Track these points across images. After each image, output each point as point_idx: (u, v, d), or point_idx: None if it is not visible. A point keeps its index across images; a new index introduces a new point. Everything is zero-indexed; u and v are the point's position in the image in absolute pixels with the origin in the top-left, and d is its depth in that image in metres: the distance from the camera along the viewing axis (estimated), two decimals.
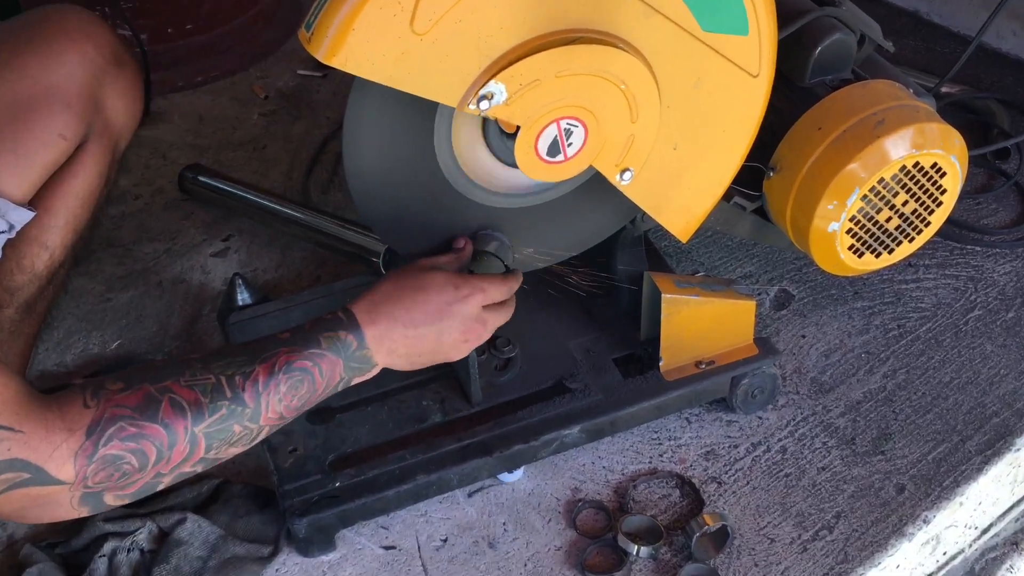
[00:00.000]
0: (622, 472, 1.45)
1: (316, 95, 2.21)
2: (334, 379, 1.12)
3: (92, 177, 1.36)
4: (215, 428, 1.04)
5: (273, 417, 1.08)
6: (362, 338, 1.12)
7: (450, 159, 1.24)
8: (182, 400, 1.02)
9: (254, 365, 1.07)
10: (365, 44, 1.01)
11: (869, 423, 1.51)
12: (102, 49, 1.28)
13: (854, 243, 1.35)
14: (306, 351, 1.10)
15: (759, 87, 1.21)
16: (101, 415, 0.99)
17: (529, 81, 1.08)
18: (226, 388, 1.04)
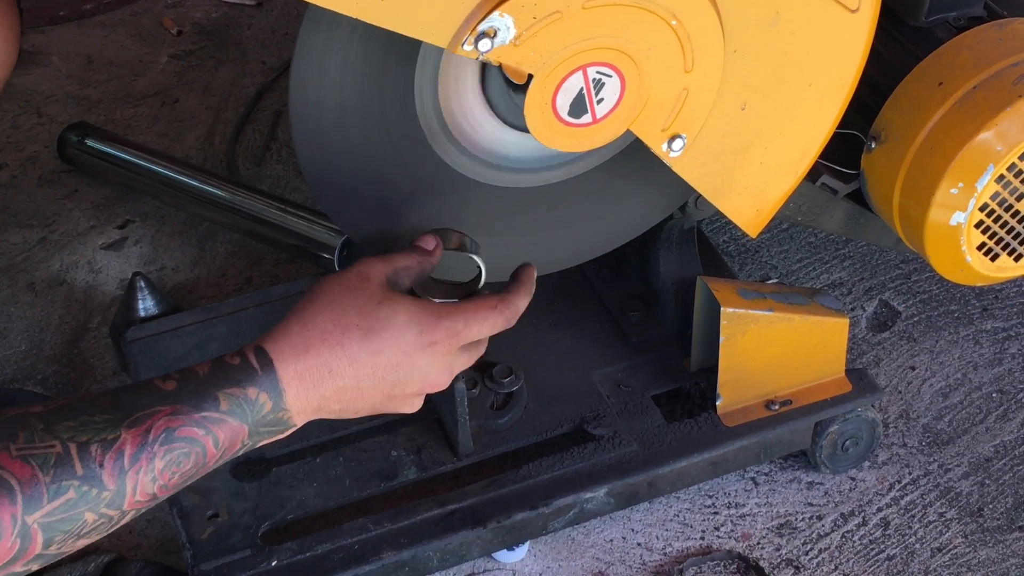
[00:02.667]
0: (664, 551, 1.46)
1: (247, 31, 2.22)
2: (233, 447, 1.07)
3: None
4: (57, 517, 0.98)
5: (143, 500, 1.03)
6: (280, 397, 1.07)
7: (435, 120, 1.24)
8: (11, 478, 0.96)
9: (119, 430, 1.00)
10: None
11: (1002, 488, 1.52)
12: None
13: (986, 241, 1.35)
14: (197, 414, 1.04)
15: (860, 25, 1.21)
16: None
17: (546, 13, 1.07)
18: (76, 461, 0.99)
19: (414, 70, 1.19)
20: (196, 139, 2.01)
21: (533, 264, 1.24)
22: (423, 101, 1.22)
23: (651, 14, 1.11)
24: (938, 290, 1.73)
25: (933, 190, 1.31)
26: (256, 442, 1.08)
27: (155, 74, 2.14)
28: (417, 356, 1.12)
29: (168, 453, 1.02)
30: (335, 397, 1.10)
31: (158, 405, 1.02)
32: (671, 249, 1.51)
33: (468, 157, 1.28)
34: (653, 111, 1.19)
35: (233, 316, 1.58)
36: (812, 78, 1.24)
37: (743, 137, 1.26)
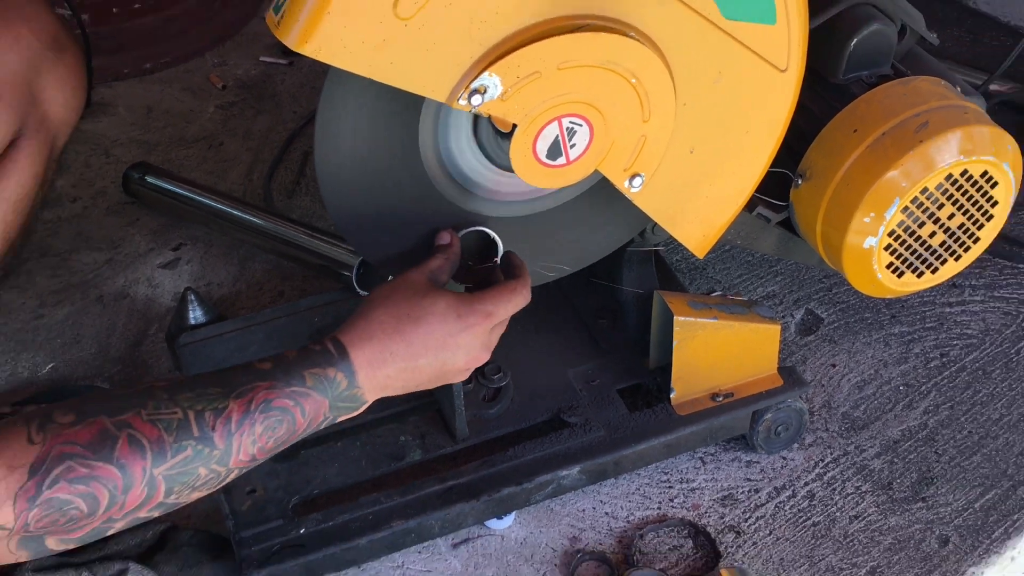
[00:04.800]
0: (627, 519, 1.45)
1: (281, 86, 2.21)
2: (317, 419, 1.11)
3: (26, 179, 1.34)
4: (177, 471, 1.02)
5: (244, 460, 1.07)
6: (353, 376, 1.11)
7: (436, 161, 1.23)
8: (142, 437, 1.00)
9: (227, 400, 1.05)
10: (342, 30, 1.01)
11: (908, 465, 1.51)
12: (39, 32, 1.27)
13: (893, 261, 1.35)
14: (288, 388, 1.08)
15: (787, 83, 1.22)
16: (47, 452, 0.97)
17: (528, 73, 1.07)
18: (193, 425, 1.03)
19: (418, 121, 1.19)
20: (238, 176, 2.00)
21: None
22: (425, 145, 1.21)
23: (615, 74, 1.12)
24: (855, 301, 1.73)
25: (849, 219, 1.31)
26: (336, 416, 1.12)
27: (204, 122, 2.13)
28: (460, 336, 1.15)
29: (266, 419, 1.06)
30: (397, 375, 1.13)
31: (258, 381, 1.07)
32: (633, 268, 1.50)
33: (463, 193, 1.27)
34: (617, 154, 1.19)
35: (268, 324, 1.57)
36: (749, 126, 1.24)
37: (692, 175, 1.26)
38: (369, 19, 1.02)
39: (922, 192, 1.30)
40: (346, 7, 1.00)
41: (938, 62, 1.43)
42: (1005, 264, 1.79)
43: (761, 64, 1.19)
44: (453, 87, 1.07)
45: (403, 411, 1.46)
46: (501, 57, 1.06)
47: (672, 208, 1.28)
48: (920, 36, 1.41)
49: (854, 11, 1.35)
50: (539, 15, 1.07)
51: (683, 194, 1.27)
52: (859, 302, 1.73)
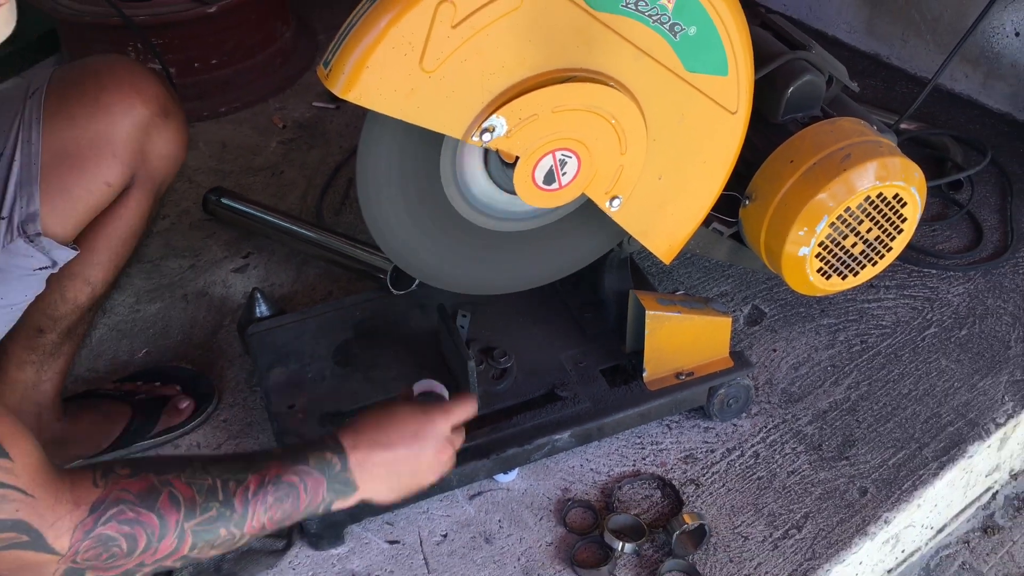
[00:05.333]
0: (608, 474, 1.45)
1: (330, 125, 2.21)
2: (316, 499, 1.10)
3: (135, 219, 1.34)
4: (203, 527, 1.02)
5: (256, 527, 1.06)
6: (345, 460, 1.11)
7: (454, 186, 1.23)
8: (179, 495, 1.00)
9: (247, 474, 1.05)
10: (378, 80, 1.01)
11: (835, 431, 1.51)
12: (149, 103, 1.26)
13: (822, 266, 1.35)
14: (295, 466, 1.08)
15: (737, 123, 1.21)
16: (107, 495, 0.97)
17: (528, 115, 1.07)
18: (219, 491, 1.03)
19: (439, 154, 1.19)
20: (295, 198, 1.99)
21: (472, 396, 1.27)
22: (445, 173, 1.21)
23: (598, 115, 1.12)
24: (791, 298, 1.72)
25: (787, 232, 1.31)
26: (333, 498, 1.11)
27: (267, 155, 2.13)
28: (426, 428, 1.17)
29: (276, 491, 1.06)
30: (380, 463, 1.13)
31: (272, 461, 1.08)
32: (612, 271, 1.50)
33: (476, 212, 1.27)
34: (600, 180, 1.19)
35: (319, 317, 1.58)
36: (706, 157, 1.24)
37: (660, 197, 1.26)
38: (400, 72, 1.02)
39: (845, 211, 1.30)
40: (382, 62, 1.00)
41: (858, 106, 1.43)
42: (912, 268, 1.78)
43: (716, 108, 1.19)
44: (468, 126, 1.07)
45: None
46: (506, 102, 1.06)
47: (644, 223, 1.28)
48: (844, 84, 1.41)
49: (791, 64, 1.35)
50: (536, 69, 1.07)
51: (653, 212, 1.27)
52: (795, 299, 1.72)
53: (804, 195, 1.29)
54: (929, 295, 1.73)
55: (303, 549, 1.34)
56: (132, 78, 1.26)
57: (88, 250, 1.29)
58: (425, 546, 1.35)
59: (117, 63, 1.27)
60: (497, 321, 1.55)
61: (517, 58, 1.05)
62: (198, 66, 2.21)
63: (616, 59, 1.10)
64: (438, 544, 1.36)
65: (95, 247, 1.31)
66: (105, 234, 1.31)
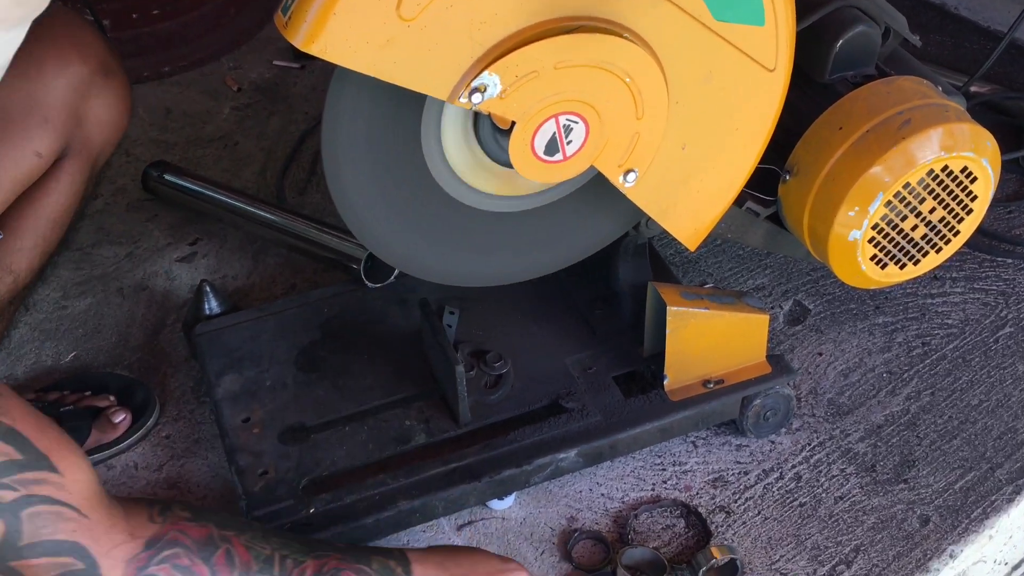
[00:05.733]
0: (622, 500, 1.44)
1: (293, 88, 2.20)
2: None
3: (66, 197, 1.33)
4: None
5: None
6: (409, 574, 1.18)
7: (438, 158, 1.22)
8: (236, 555, 1.06)
9: (307, 557, 1.11)
10: (347, 30, 1.00)
11: (891, 449, 1.50)
12: (88, 60, 1.25)
13: (877, 253, 1.34)
14: (356, 564, 1.14)
15: (775, 82, 1.21)
16: (165, 533, 1.02)
17: (526, 73, 1.07)
18: (276, 565, 1.08)
19: (420, 119, 1.18)
20: (252, 174, 1.99)
21: None
22: (428, 143, 1.20)
23: (609, 73, 1.11)
24: (840, 292, 1.72)
25: (835, 213, 1.30)
26: None
27: (219, 122, 2.12)
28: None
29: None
30: None
31: (334, 552, 1.15)
32: (628, 260, 1.49)
33: (465, 188, 1.26)
34: (611, 150, 1.18)
35: (280, 314, 1.57)
36: (738, 124, 1.24)
37: (683, 170, 1.25)
38: (374, 20, 1.01)
39: (904, 187, 1.29)
40: (351, 8, 0.99)
41: (920, 63, 1.42)
42: (984, 257, 1.77)
43: (750, 64, 1.18)
44: (454, 86, 1.07)
45: (409, 396, 1.45)
46: (500, 57, 1.05)
47: (664, 202, 1.27)
48: (903, 38, 1.40)
49: (840, 13, 1.34)
50: (536, 16, 1.06)
51: (675, 189, 1.26)
52: (844, 294, 1.72)
53: (855, 168, 1.28)
54: (1004, 288, 1.72)
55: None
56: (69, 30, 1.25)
57: (12, 233, 1.28)
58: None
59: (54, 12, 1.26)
60: (490, 319, 1.55)
61: (513, 3, 1.04)
62: (137, 17, 2.20)
63: (631, 5, 1.09)
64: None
65: (19, 230, 1.30)
66: (32, 214, 1.30)
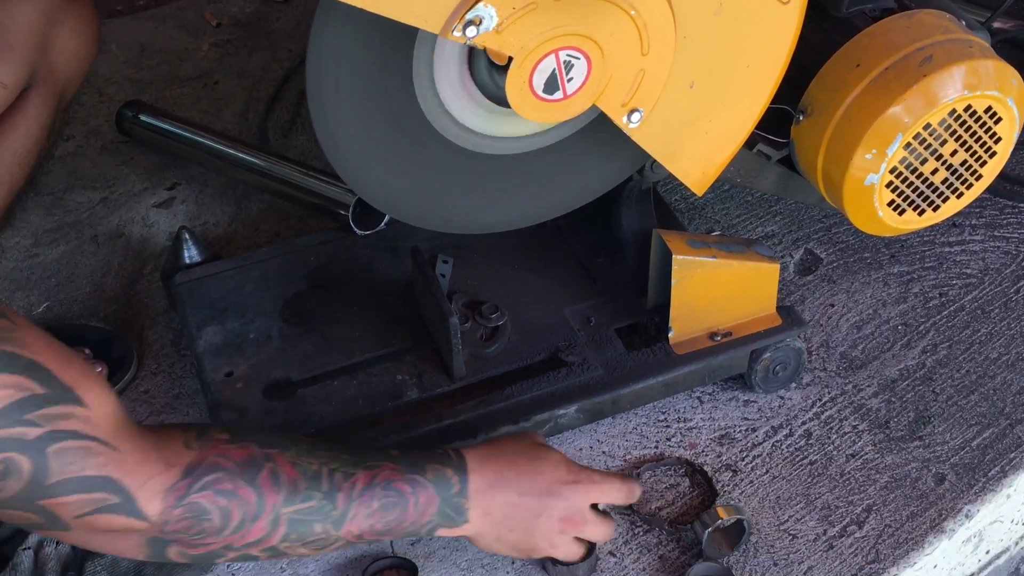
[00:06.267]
0: (624, 458, 1.44)
1: (276, 23, 2.17)
2: (424, 517, 1.14)
3: (33, 131, 1.31)
4: (300, 517, 1.06)
5: (353, 532, 1.10)
6: (465, 484, 1.15)
7: (431, 96, 1.20)
8: (282, 474, 1.04)
9: (357, 469, 1.10)
10: None
11: (905, 405, 1.49)
12: None
13: (894, 198, 1.32)
14: (410, 475, 1.13)
15: (790, 15, 1.18)
16: (203, 458, 1.00)
17: (524, 4, 1.04)
18: (324, 480, 1.07)
19: (411, 55, 1.16)
20: (233, 115, 1.96)
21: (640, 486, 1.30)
22: (420, 81, 1.18)
23: (613, 5, 1.09)
24: (853, 240, 1.71)
25: (851, 156, 1.28)
26: (439, 523, 1.16)
27: (198, 60, 2.09)
28: (564, 488, 1.20)
29: (384, 497, 1.11)
30: (501, 503, 1.17)
31: (387, 462, 1.12)
32: (631, 206, 1.48)
33: (459, 128, 1.24)
34: (615, 88, 1.16)
35: (264, 263, 1.56)
36: (750, 61, 1.21)
37: (692, 110, 1.23)
38: None
39: (925, 128, 1.27)
40: None
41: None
42: (1005, 203, 1.76)
43: None
44: (447, 18, 1.04)
45: (400, 350, 1.44)
46: None
47: (671, 144, 1.25)
48: None
49: None
50: None
51: (682, 130, 1.24)
52: (858, 242, 1.70)
53: (873, 108, 1.26)
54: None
55: None
56: None
57: None
58: (396, 546, 1.34)
59: None
60: (486, 268, 1.53)
61: None
62: None
63: None
64: (412, 544, 1.35)
65: None
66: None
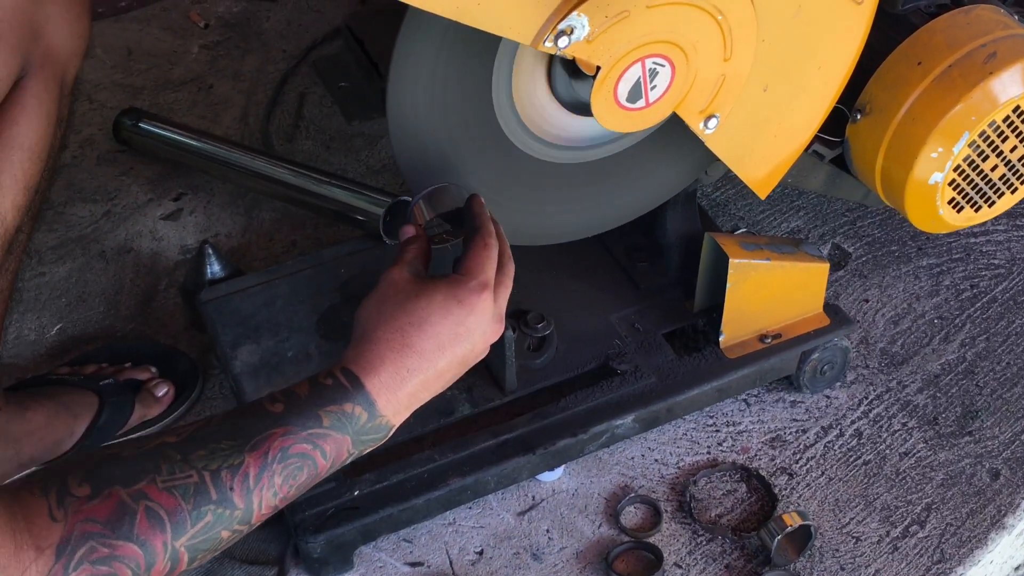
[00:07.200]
0: (677, 465, 1.42)
1: (266, 23, 2.10)
2: (340, 458, 1.03)
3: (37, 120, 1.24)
4: (199, 539, 0.96)
5: (267, 512, 1.00)
6: (373, 407, 1.02)
7: (508, 106, 1.17)
8: (160, 509, 0.94)
9: (243, 455, 0.97)
10: None
11: (951, 399, 1.49)
12: None
13: (955, 196, 1.32)
14: (304, 432, 1.00)
15: (862, 16, 1.17)
16: (70, 531, 0.91)
17: (617, 13, 1.01)
18: (211, 488, 0.95)
19: (492, 70, 1.12)
20: (232, 120, 1.90)
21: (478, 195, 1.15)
22: (499, 95, 1.15)
23: (702, 10, 1.06)
24: (879, 233, 1.70)
25: (916, 154, 1.27)
26: (361, 449, 1.04)
27: (189, 63, 2.02)
28: (468, 320, 1.06)
29: (284, 469, 0.99)
30: (420, 389, 1.05)
31: (272, 428, 0.99)
32: (677, 209, 1.45)
33: (533, 139, 1.21)
34: (695, 95, 1.13)
35: (292, 276, 1.50)
36: (821, 61, 1.20)
37: (763, 114, 1.21)
38: None
39: (990, 125, 1.26)
40: None
41: None
42: None
43: None
44: (539, 29, 1.01)
45: None
46: None
47: (741, 148, 1.23)
48: None
49: None
50: None
51: (753, 134, 1.22)
52: (884, 235, 1.70)
53: (939, 106, 1.24)
54: None
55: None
56: None
57: None
58: (456, 567, 1.31)
59: None
60: (524, 276, 1.47)
61: None
62: None
63: None
64: (473, 564, 1.32)
65: None
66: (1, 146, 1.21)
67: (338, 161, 1.80)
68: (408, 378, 1.03)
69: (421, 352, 1.04)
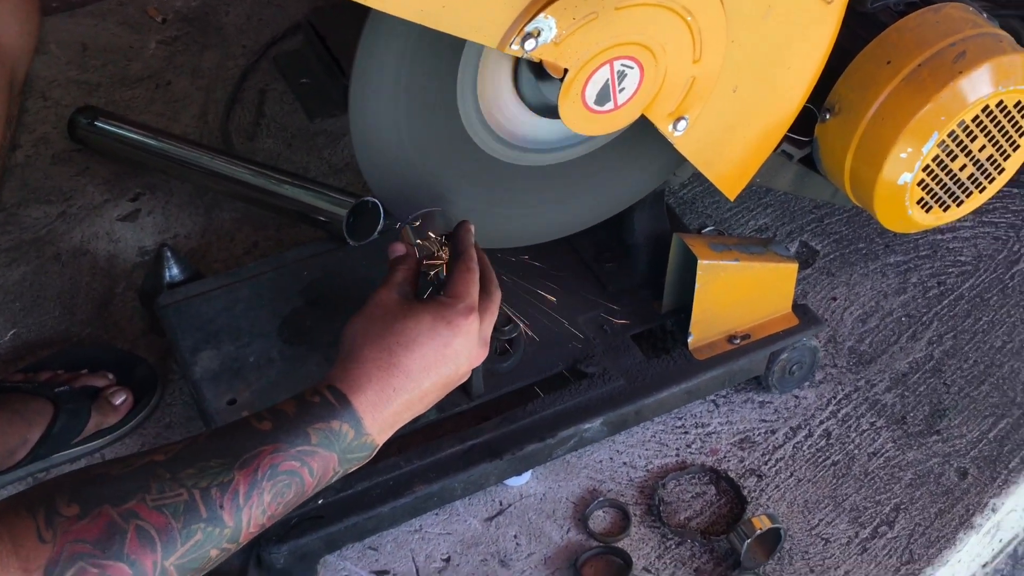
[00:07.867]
0: (646, 468, 1.40)
1: (226, 18, 2.06)
2: (327, 475, 1.03)
3: None
4: (189, 557, 0.95)
5: (254, 531, 1.00)
6: (359, 424, 1.03)
7: (472, 109, 1.15)
8: (150, 528, 0.93)
9: (232, 472, 0.98)
10: None
11: (919, 398, 1.49)
12: None
13: (924, 196, 1.31)
14: (293, 449, 1.00)
15: (831, 16, 1.15)
16: (59, 553, 0.90)
17: (585, 14, 0.99)
18: (201, 506, 0.95)
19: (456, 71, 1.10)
20: (191, 118, 1.86)
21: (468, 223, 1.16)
22: (463, 97, 1.12)
23: (671, 12, 1.04)
24: (846, 231, 1.69)
25: (885, 155, 1.26)
26: (347, 468, 1.04)
27: (146, 59, 1.97)
28: (454, 342, 1.07)
29: (273, 487, 0.99)
30: (404, 408, 1.05)
31: (261, 445, 0.99)
32: (645, 209, 1.43)
33: (498, 142, 1.19)
34: (664, 97, 1.12)
35: (254, 279, 1.47)
36: (790, 62, 1.18)
37: (732, 116, 1.20)
38: None
39: (959, 125, 1.25)
40: None
41: None
42: None
43: None
44: (505, 32, 0.99)
45: None
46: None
47: (710, 150, 1.22)
48: None
49: None
50: None
51: (722, 135, 1.21)
52: (851, 232, 1.69)
53: (909, 106, 1.23)
54: (1013, 221, 1.72)
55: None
56: None
57: None
58: (423, 575, 1.29)
59: None
60: None
61: None
62: None
63: None
64: (440, 571, 1.31)
65: None
66: None
67: (300, 159, 1.77)
68: (394, 397, 1.04)
69: (407, 372, 1.05)
